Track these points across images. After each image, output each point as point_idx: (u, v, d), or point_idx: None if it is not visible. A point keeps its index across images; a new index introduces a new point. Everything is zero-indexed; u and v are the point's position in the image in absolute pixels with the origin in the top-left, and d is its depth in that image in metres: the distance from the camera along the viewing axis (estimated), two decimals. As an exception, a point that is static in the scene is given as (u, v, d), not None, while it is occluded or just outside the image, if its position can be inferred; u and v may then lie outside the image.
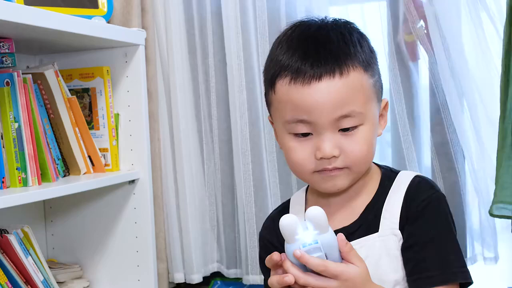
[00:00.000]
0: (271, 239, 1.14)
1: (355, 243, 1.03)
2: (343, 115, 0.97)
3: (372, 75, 1.02)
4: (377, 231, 1.02)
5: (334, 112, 0.96)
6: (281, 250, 1.10)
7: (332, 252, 0.91)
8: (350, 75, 0.97)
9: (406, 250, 1.00)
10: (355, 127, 0.99)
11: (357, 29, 1.05)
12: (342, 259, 0.93)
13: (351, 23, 1.05)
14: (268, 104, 1.08)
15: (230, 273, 1.91)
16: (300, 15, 1.74)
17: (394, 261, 1.01)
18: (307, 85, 0.97)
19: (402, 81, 1.71)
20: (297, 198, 1.16)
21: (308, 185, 1.16)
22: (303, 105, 0.97)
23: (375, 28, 1.70)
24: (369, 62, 1.01)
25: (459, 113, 1.63)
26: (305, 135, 1.00)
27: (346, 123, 0.98)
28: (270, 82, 1.04)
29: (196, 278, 1.90)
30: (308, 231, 0.89)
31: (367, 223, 1.04)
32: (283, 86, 1.00)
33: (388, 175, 1.08)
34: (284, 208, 1.16)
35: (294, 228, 0.89)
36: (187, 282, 1.91)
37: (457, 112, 1.63)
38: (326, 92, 0.96)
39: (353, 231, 1.04)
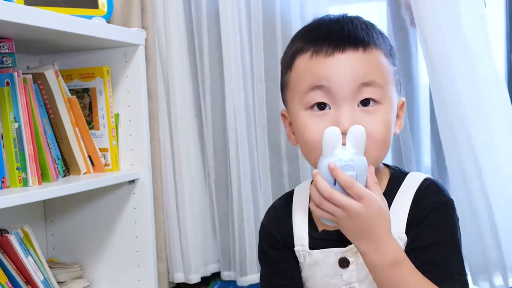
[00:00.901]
0: (272, 229, 1.13)
1: None
2: (364, 82, 0.96)
3: (393, 63, 1.03)
4: None
5: (355, 79, 0.96)
6: (281, 242, 1.11)
7: (362, 178, 0.91)
8: (373, 52, 0.99)
9: (409, 253, 0.99)
10: (375, 103, 0.97)
11: (377, 27, 1.06)
12: None
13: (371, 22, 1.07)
14: (284, 88, 1.07)
15: (225, 275, 1.90)
16: (295, 15, 1.74)
17: None
18: (330, 57, 0.97)
19: (402, 81, 1.70)
20: (301, 190, 1.15)
21: None
22: (325, 73, 0.97)
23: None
24: (389, 53, 1.03)
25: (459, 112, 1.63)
26: (322, 108, 0.98)
27: (367, 92, 0.97)
28: (288, 63, 1.04)
29: (196, 278, 1.90)
30: (346, 151, 0.90)
31: None
32: (303, 60, 1.00)
33: (397, 176, 1.06)
34: (287, 199, 1.15)
35: (335, 142, 0.91)
36: (187, 282, 1.91)
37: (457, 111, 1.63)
38: (349, 61, 0.97)
39: None
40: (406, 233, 1.01)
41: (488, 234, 1.59)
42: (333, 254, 1.05)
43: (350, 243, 1.02)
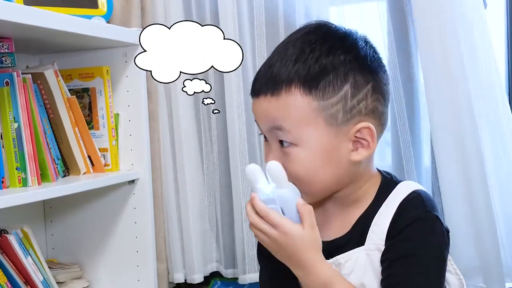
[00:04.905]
0: None
1: (342, 257, 1.02)
2: (273, 126, 0.99)
3: (321, 98, 0.96)
4: (364, 244, 1.01)
5: (266, 124, 1.00)
6: None
7: (289, 209, 0.95)
8: (281, 96, 0.97)
9: (381, 264, 0.99)
10: (289, 145, 0.98)
11: (331, 42, 0.99)
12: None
13: (332, 30, 1.02)
14: None
15: (228, 273, 1.91)
16: (299, 15, 1.74)
17: (379, 276, 0.99)
18: (253, 98, 1.03)
19: (401, 80, 1.70)
20: None
21: None
22: (253, 111, 1.04)
23: (374, 28, 1.70)
24: (317, 85, 0.96)
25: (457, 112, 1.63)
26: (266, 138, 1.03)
27: (280, 135, 0.99)
28: None
29: (199, 278, 1.90)
30: (267, 186, 0.95)
31: (356, 236, 1.02)
32: None
33: (387, 185, 1.04)
34: None
35: (255, 178, 0.96)
36: (190, 282, 1.91)
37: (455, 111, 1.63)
38: (261, 106, 1.01)
39: (344, 243, 1.03)
40: (385, 244, 0.99)
41: (487, 236, 1.59)
42: None
43: (332, 257, 1.02)
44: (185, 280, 1.92)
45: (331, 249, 1.03)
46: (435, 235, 0.98)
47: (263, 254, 1.13)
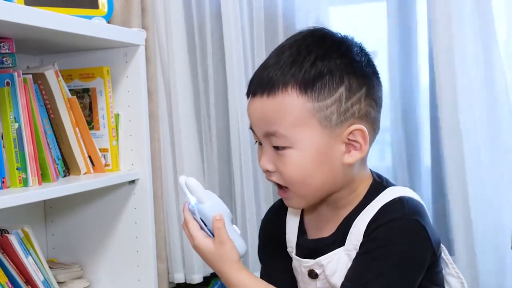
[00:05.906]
0: (270, 227, 1.16)
1: (324, 258, 1.02)
2: (268, 132, 0.99)
3: (316, 99, 0.96)
4: (344, 245, 1.01)
5: (261, 128, 1.00)
6: (281, 240, 1.11)
7: (209, 222, 1.02)
8: (277, 96, 0.97)
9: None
10: (283, 148, 0.98)
11: (327, 46, 0.99)
12: None
13: (328, 35, 1.02)
14: None
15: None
16: (299, 15, 1.75)
17: None
18: (250, 99, 1.02)
19: (401, 81, 1.71)
20: None
21: None
22: (248, 115, 1.04)
23: (374, 28, 1.70)
24: (313, 87, 0.96)
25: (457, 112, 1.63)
26: (260, 143, 1.03)
27: (274, 141, 0.99)
28: None
29: (199, 278, 1.90)
30: (191, 198, 1.02)
31: (340, 237, 1.02)
32: None
33: (377, 188, 1.04)
34: None
35: (183, 189, 1.03)
36: (190, 282, 1.91)
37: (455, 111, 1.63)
38: (257, 107, 1.01)
39: (329, 243, 1.03)
40: None
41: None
42: (303, 264, 1.06)
43: (317, 257, 1.03)
44: (185, 280, 1.92)
45: (317, 248, 1.04)
46: (407, 236, 0.97)
47: (267, 252, 1.15)
